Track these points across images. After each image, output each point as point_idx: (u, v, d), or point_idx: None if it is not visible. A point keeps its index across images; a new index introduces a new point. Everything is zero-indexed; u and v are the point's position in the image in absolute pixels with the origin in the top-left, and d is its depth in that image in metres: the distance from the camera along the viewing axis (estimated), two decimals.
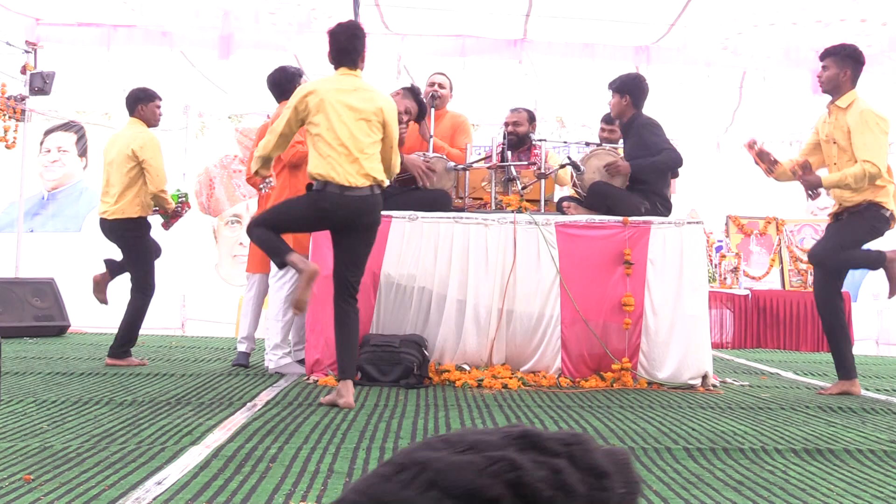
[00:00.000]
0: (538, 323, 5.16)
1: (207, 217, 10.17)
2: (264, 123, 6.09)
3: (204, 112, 10.16)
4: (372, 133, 4.21)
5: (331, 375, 5.00)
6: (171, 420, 3.63)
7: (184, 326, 9.71)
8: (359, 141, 4.16)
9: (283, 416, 3.76)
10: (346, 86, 4.23)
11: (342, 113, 4.16)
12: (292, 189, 5.44)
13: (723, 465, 3.04)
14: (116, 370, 5.33)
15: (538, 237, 5.19)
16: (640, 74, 5.73)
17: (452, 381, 5.00)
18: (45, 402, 4.02)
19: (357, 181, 4.14)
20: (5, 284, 7.68)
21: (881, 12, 7.26)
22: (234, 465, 2.82)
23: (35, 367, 5.36)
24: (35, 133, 9.48)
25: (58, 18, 8.10)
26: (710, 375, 5.15)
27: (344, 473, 2.74)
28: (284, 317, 5.41)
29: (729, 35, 7.93)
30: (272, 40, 8.07)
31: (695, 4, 7.31)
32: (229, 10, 7.68)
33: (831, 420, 4.07)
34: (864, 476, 2.92)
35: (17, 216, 8.63)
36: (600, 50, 8.27)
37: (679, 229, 5.22)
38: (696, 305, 5.16)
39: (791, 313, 9.19)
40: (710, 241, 9.33)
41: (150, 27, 8.02)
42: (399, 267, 5.17)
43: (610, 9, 7.51)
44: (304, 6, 7.64)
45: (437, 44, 8.26)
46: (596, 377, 5.12)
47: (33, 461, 2.81)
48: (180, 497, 2.41)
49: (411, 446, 0.91)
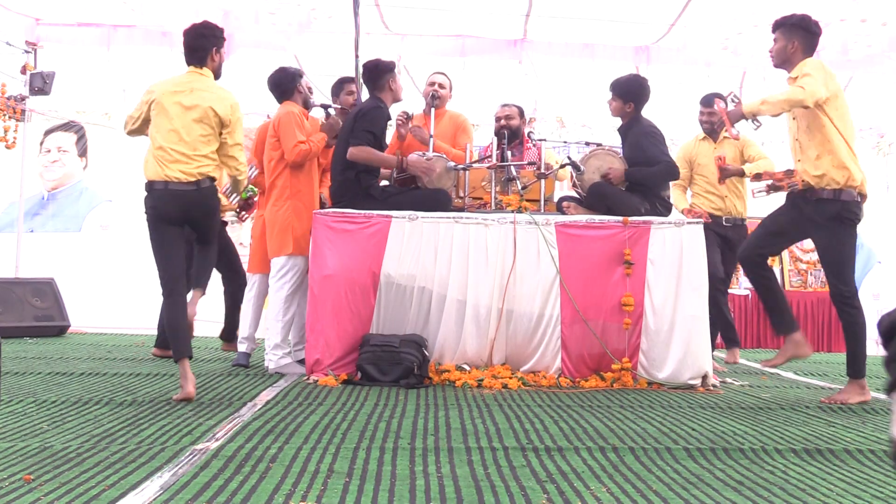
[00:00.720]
0: (538, 323, 5.16)
1: None
2: (264, 123, 6.09)
3: None
4: (205, 131, 4.32)
5: (330, 375, 5.00)
6: (171, 420, 3.63)
7: None
8: (185, 141, 4.28)
9: (283, 416, 3.76)
10: (184, 86, 4.38)
11: (173, 112, 4.31)
12: (294, 189, 5.44)
13: (723, 465, 3.04)
14: (116, 370, 5.33)
15: (538, 237, 5.19)
16: (643, 77, 5.73)
17: (452, 381, 5.00)
18: (45, 402, 4.02)
19: (181, 178, 4.27)
20: (5, 284, 7.68)
21: (881, 12, 7.27)
22: (234, 465, 2.82)
23: (35, 367, 5.37)
24: (35, 133, 9.48)
25: (58, 18, 8.11)
26: (710, 375, 5.15)
27: (344, 473, 2.74)
28: (284, 317, 5.41)
29: (729, 35, 7.94)
30: (272, 40, 8.07)
31: (695, 4, 7.31)
32: (229, 10, 7.68)
33: (831, 420, 4.07)
34: (864, 476, 2.92)
35: (17, 216, 8.63)
36: (600, 50, 8.27)
37: (679, 229, 5.22)
38: (696, 305, 5.16)
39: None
40: None
41: (150, 27, 8.03)
42: (399, 267, 5.17)
43: (610, 9, 7.51)
44: (304, 6, 7.64)
45: (437, 44, 8.26)
46: (596, 377, 5.12)
47: (33, 461, 2.82)
48: (180, 497, 2.41)
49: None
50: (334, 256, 5.14)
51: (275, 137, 5.47)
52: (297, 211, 5.41)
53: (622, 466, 2.96)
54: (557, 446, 3.22)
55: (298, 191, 5.46)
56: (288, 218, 5.39)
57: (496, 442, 3.29)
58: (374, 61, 5.53)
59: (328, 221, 5.19)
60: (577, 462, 3.00)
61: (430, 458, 2.99)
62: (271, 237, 5.46)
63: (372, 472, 2.76)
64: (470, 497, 2.49)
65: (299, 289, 5.44)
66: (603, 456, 3.11)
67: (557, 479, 2.74)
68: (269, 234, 5.48)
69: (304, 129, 5.46)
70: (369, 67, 5.50)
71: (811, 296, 9.32)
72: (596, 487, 2.64)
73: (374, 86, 5.44)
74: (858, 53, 7.81)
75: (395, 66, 5.55)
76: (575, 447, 3.22)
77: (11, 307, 7.50)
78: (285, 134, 5.38)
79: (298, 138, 5.36)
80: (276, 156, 5.46)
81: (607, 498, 2.53)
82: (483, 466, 2.89)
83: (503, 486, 2.62)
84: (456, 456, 3.03)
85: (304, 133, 5.43)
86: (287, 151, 5.38)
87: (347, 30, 6.97)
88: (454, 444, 3.23)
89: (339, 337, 5.11)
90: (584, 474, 2.82)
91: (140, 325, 9.03)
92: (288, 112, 5.44)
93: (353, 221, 5.20)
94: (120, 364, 5.76)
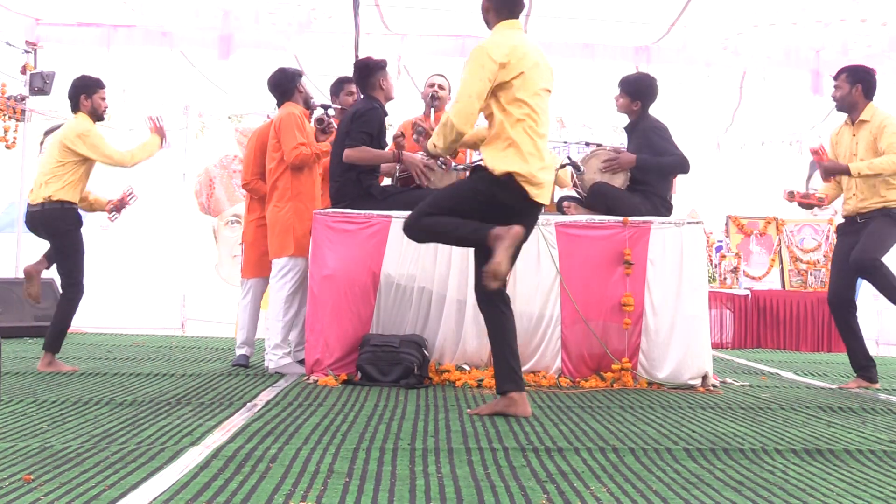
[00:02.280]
0: (538, 323, 5.16)
1: (207, 217, 10.17)
2: (262, 125, 6.08)
3: (204, 112, 10.16)
4: (58, 156, 5.45)
5: (330, 375, 5.00)
6: (171, 420, 3.63)
7: (184, 326, 9.72)
8: (43, 167, 5.53)
9: (283, 417, 3.76)
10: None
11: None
12: (294, 190, 5.44)
13: (723, 465, 3.03)
14: (117, 370, 5.33)
15: (538, 237, 5.19)
16: (653, 77, 5.70)
17: (452, 381, 5.00)
18: (45, 402, 4.02)
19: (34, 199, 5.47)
20: (5, 284, 7.68)
21: (881, 12, 7.27)
22: (234, 465, 2.82)
23: (35, 367, 5.37)
24: (35, 133, 9.47)
25: (58, 18, 8.11)
26: (710, 375, 5.15)
27: (344, 473, 2.74)
28: (284, 317, 5.41)
29: (729, 35, 7.94)
30: (272, 40, 8.07)
31: (695, 4, 7.31)
32: (229, 10, 7.68)
33: (831, 420, 4.07)
34: (864, 476, 2.92)
35: (17, 216, 8.63)
36: (600, 50, 8.27)
37: (679, 229, 5.22)
38: (696, 305, 5.16)
39: (791, 313, 9.20)
40: (710, 241, 9.34)
41: (150, 27, 8.03)
42: (399, 267, 5.17)
43: (610, 9, 7.51)
44: (304, 6, 7.64)
45: (437, 44, 8.26)
46: (596, 377, 5.13)
47: (33, 461, 2.81)
48: (180, 497, 2.41)
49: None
50: (334, 256, 5.14)
51: (276, 139, 5.47)
52: (298, 212, 5.40)
53: (622, 467, 2.96)
54: (557, 446, 3.22)
55: (299, 192, 5.46)
56: (289, 219, 5.39)
57: (496, 442, 3.29)
58: (364, 60, 5.54)
59: (328, 221, 5.20)
60: (577, 462, 3.00)
61: (430, 459, 2.99)
62: (272, 238, 5.46)
63: (372, 473, 2.76)
64: (470, 497, 2.49)
65: (300, 289, 5.44)
66: (603, 456, 3.11)
67: (557, 479, 2.74)
68: (270, 235, 5.48)
69: (305, 130, 5.46)
70: (359, 67, 5.50)
71: (811, 296, 9.32)
72: (596, 487, 2.64)
73: (365, 84, 5.44)
74: (858, 53, 7.81)
75: (385, 64, 5.52)
76: (575, 447, 3.22)
77: (11, 307, 7.51)
78: (285, 135, 5.37)
79: (298, 140, 5.36)
80: (278, 157, 5.45)
81: (607, 498, 2.52)
82: (483, 467, 2.89)
83: (503, 487, 2.61)
84: (456, 456, 3.03)
85: (305, 135, 5.43)
86: (286, 153, 5.37)
87: (347, 30, 6.98)
88: (454, 444, 3.23)
89: (339, 337, 5.11)
90: (584, 474, 2.82)
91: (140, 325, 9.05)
92: (289, 113, 5.44)
93: (353, 221, 5.20)
94: (120, 364, 5.76)
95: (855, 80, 5.41)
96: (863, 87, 5.40)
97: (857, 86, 5.39)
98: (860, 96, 5.40)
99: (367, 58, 5.58)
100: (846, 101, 5.44)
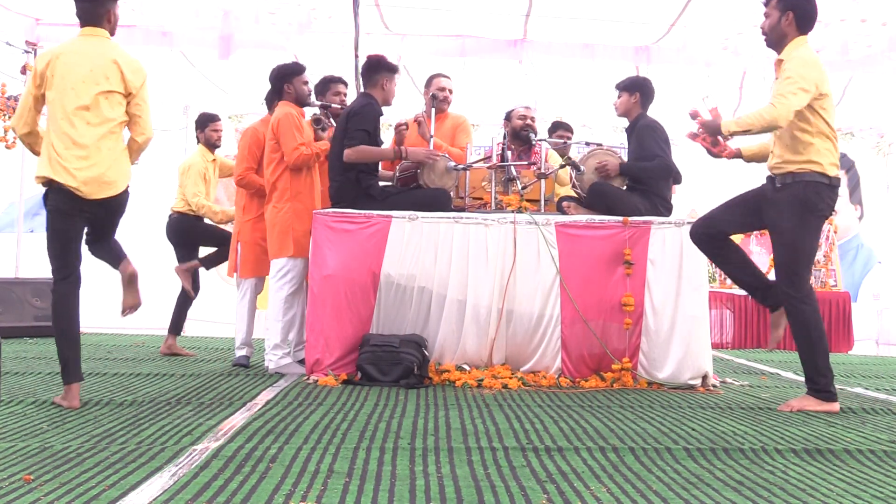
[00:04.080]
0: (538, 323, 5.16)
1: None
2: (252, 125, 6.07)
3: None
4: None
5: (330, 375, 5.00)
6: (171, 420, 3.63)
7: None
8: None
9: (283, 416, 3.76)
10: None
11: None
12: (294, 191, 5.43)
13: (723, 465, 3.04)
14: (117, 370, 5.33)
15: (538, 237, 5.19)
16: (648, 78, 5.75)
17: (452, 381, 5.00)
18: (45, 402, 4.02)
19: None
20: (5, 284, 7.68)
21: (881, 12, 7.27)
22: (234, 465, 2.82)
23: (35, 367, 5.37)
24: None
25: (58, 18, 8.10)
26: (710, 375, 5.15)
27: (344, 473, 2.74)
28: (284, 317, 5.41)
29: (729, 35, 7.94)
30: (272, 40, 8.06)
31: (695, 4, 7.31)
32: (229, 10, 7.68)
33: (831, 420, 4.07)
34: (864, 476, 2.92)
35: (17, 216, 8.63)
36: (600, 50, 8.27)
37: (679, 229, 5.22)
38: (696, 305, 5.16)
39: None
40: None
41: (150, 27, 8.02)
42: (399, 267, 5.17)
43: (610, 9, 7.51)
44: (304, 6, 7.64)
45: (437, 44, 8.26)
46: (596, 377, 5.12)
47: (33, 461, 2.82)
48: (180, 497, 2.41)
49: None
50: (334, 256, 5.14)
51: (274, 140, 5.46)
52: (298, 212, 5.40)
53: (622, 466, 2.96)
54: (557, 446, 3.22)
55: (298, 192, 5.45)
56: (288, 219, 5.39)
57: (496, 442, 3.29)
58: (378, 57, 5.53)
59: (328, 221, 5.20)
60: (577, 462, 3.00)
61: (430, 458, 2.99)
62: (272, 238, 5.46)
63: (372, 472, 2.76)
64: (470, 497, 2.49)
65: (299, 290, 5.44)
66: (603, 456, 3.11)
67: (557, 479, 2.74)
68: (270, 235, 5.48)
69: (303, 130, 5.46)
70: (371, 60, 5.49)
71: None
72: (596, 487, 2.64)
73: (368, 80, 5.44)
74: (858, 53, 7.82)
75: (397, 70, 5.54)
76: (575, 447, 3.22)
77: (11, 307, 7.51)
78: (284, 136, 5.37)
79: (298, 141, 5.35)
80: (277, 157, 5.44)
81: (607, 498, 2.53)
82: (483, 466, 2.89)
83: (503, 486, 2.62)
84: (456, 456, 3.03)
85: (304, 135, 5.43)
86: (287, 154, 5.37)
87: (347, 30, 6.98)
88: (454, 444, 3.23)
89: (339, 337, 5.11)
90: (584, 474, 2.82)
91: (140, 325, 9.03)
92: (287, 114, 5.43)
93: (353, 221, 5.20)
94: (120, 364, 5.76)
95: (786, 5, 4.24)
96: (795, 14, 4.24)
97: (789, 13, 4.24)
98: (790, 26, 4.25)
99: (382, 56, 5.57)
100: (775, 32, 4.30)
